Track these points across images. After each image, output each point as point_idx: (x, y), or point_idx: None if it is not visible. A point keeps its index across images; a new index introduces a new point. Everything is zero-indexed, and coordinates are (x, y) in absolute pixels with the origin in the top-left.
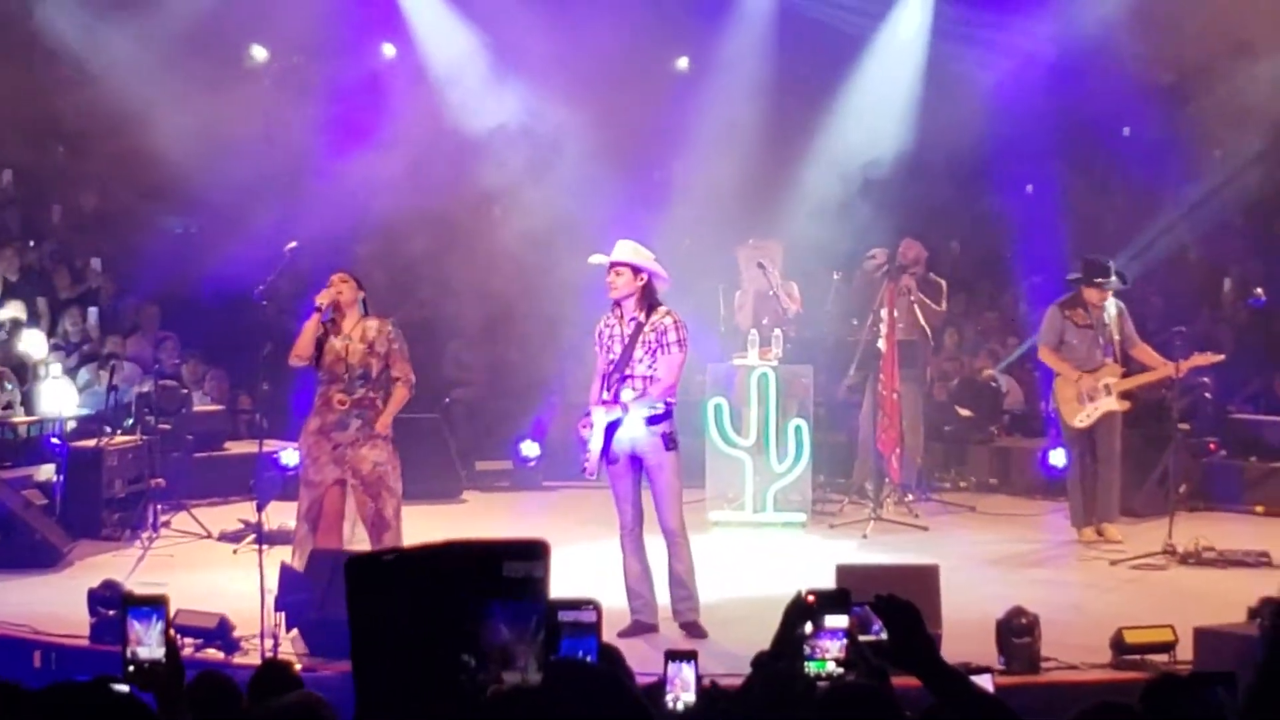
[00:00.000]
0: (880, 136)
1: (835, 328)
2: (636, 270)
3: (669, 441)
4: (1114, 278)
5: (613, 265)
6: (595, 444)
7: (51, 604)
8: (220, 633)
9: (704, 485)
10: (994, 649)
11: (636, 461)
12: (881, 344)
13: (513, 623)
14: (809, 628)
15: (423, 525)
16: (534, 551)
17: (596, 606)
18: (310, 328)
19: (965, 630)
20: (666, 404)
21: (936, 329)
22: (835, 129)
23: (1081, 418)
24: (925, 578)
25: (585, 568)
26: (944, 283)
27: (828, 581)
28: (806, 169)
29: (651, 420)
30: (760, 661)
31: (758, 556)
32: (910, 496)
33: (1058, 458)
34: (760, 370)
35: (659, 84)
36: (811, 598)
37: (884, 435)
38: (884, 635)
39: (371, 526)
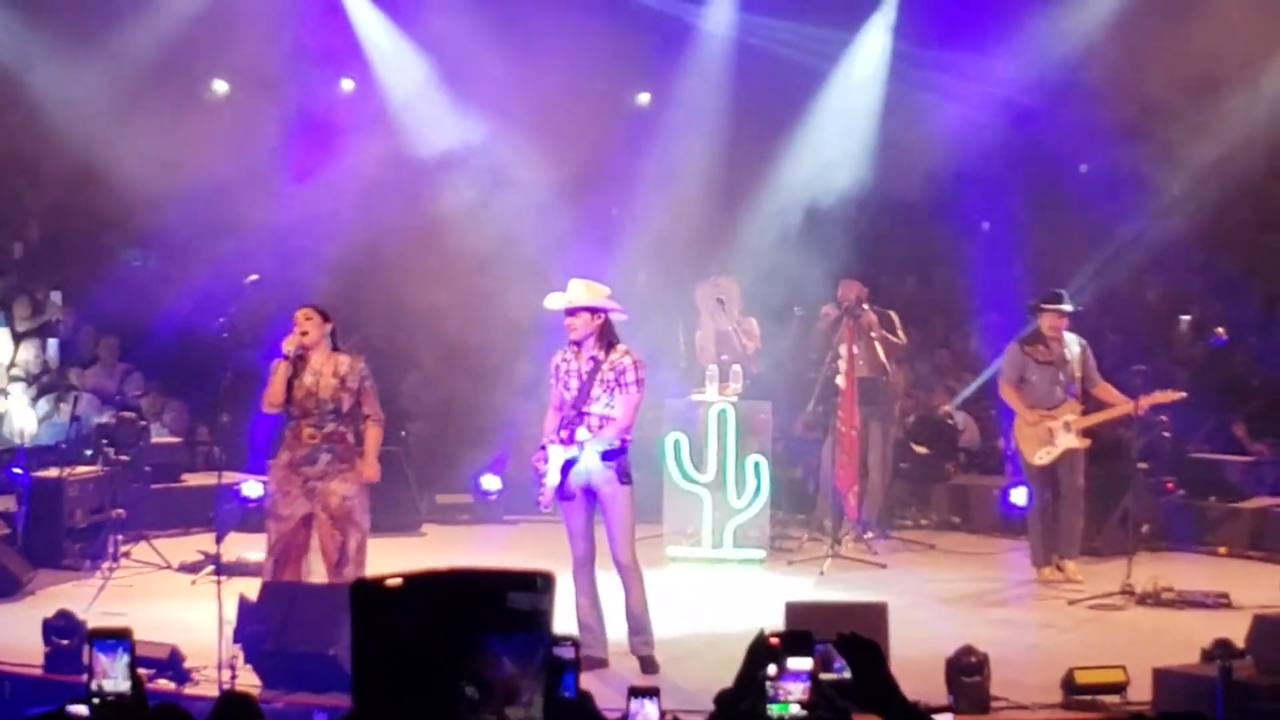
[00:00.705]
0: (837, 172)
1: (795, 364)
2: (594, 311)
3: (623, 476)
4: (1067, 304)
5: (568, 312)
6: (551, 479)
7: (9, 634)
8: (172, 663)
9: (662, 521)
10: (944, 687)
11: (590, 495)
12: (841, 380)
13: (516, 656)
14: (772, 669)
15: (382, 558)
16: (540, 583)
17: (576, 643)
18: (279, 374)
19: (916, 669)
20: (622, 440)
21: (903, 360)
22: (792, 164)
23: (1041, 455)
24: (874, 615)
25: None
26: (894, 314)
27: (777, 618)
28: (763, 204)
29: (606, 455)
30: (723, 700)
31: (715, 592)
32: (870, 534)
33: (1019, 496)
34: (719, 406)
35: (618, 118)
36: (775, 639)
37: (842, 472)
38: (846, 674)
39: (333, 560)
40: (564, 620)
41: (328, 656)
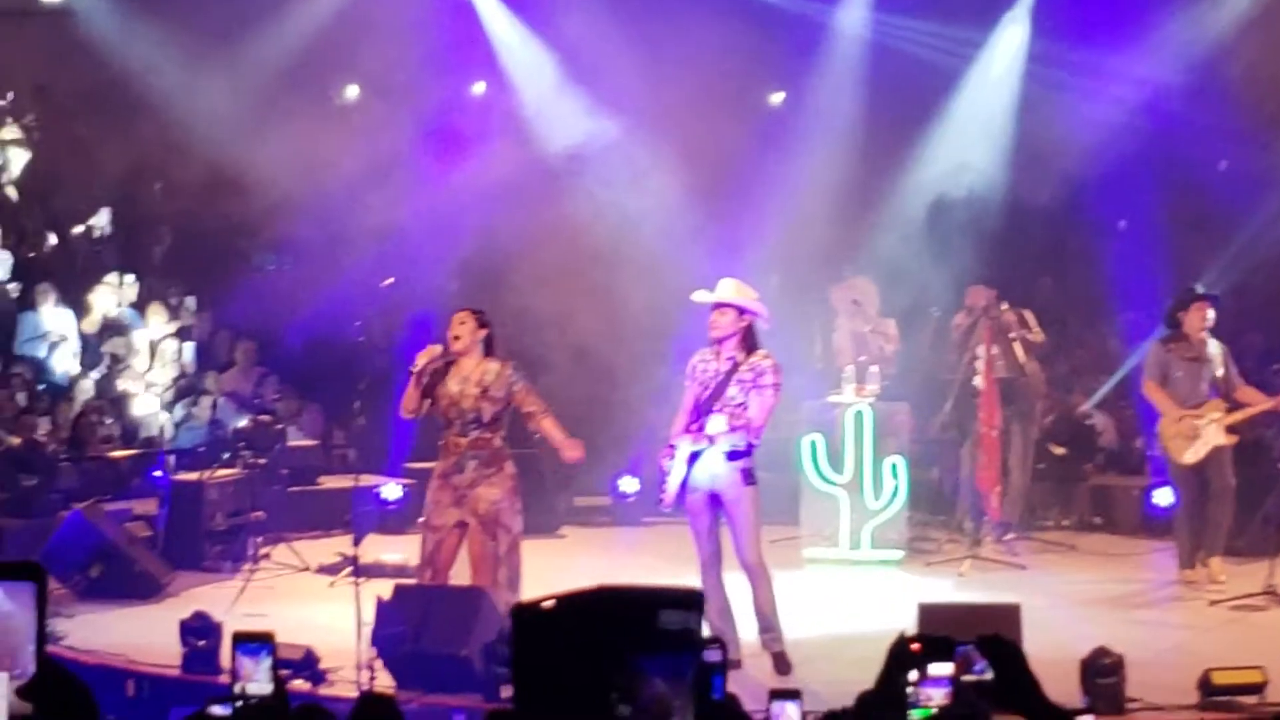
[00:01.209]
0: (970, 172)
1: (933, 365)
2: (741, 311)
3: (748, 477)
4: (1208, 301)
5: (718, 305)
6: (675, 475)
7: (148, 634)
8: (307, 664)
9: (799, 522)
10: (1079, 689)
11: (715, 500)
12: (979, 381)
13: (668, 675)
14: (914, 675)
15: (524, 561)
16: (690, 601)
17: (723, 645)
18: (411, 386)
19: (1052, 670)
20: (749, 443)
21: (1042, 359)
22: (925, 165)
23: (1189, 454)
24: (1007, 616)
25: None
26: (1029, 313)
27: (910, 619)
28: (896, 205)
29: (732, 456)
30: (865, 703)
31: (851, 593)
32: (1010, 535)
33: (1163, 497)
34: (856, 407)
35: (751, 118)
36: (916, 645)
37: (983, 473)
38: (987, 675)
39: (482, 563)
40: None
41: (460, 658)
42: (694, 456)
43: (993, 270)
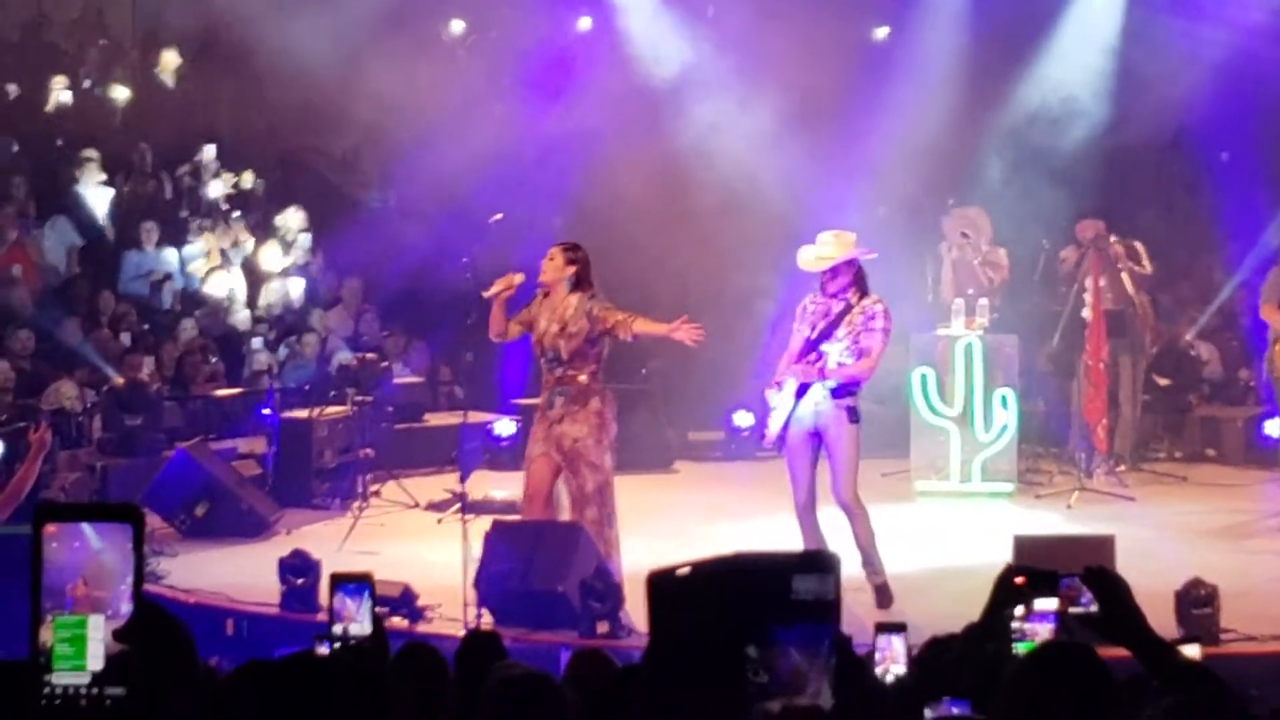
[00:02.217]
0: (1075, 105)
1: (1043, 297)
2: (849, 262)
3: (852, 414)
4: None
5: (830, 271)
6: (781, 410)
7: (252, 573)
8: (404, 601)
9: (910, 455)
10: (1174, 619)
11: (815, 439)
12: (1087, 314)
13: (803, 646)
14: (1019, 610)
15: (636, 494)
16: (824, 564)
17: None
18: (494, 309)
19: (1149, 601)
20: (856, 381)
21: (1150, 292)
22: (1029, 96)
23: None
24: (1102, 548)
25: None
26: (1139, 245)
27: (1006, 550)
28: (1001, 136)
29: (837, 392)
30: (970, 636)
31: (961, 526)
32: (1122, 467)
33: (1274, 427)
34: (965, 340)
35: (856, 52)
36: (1021, 579)
37: (1090, 405)
38: (1093, 608)
39: (573, 501)
40: None
41: (558, 594)
42: (801, 390)
43: (1098, 202)
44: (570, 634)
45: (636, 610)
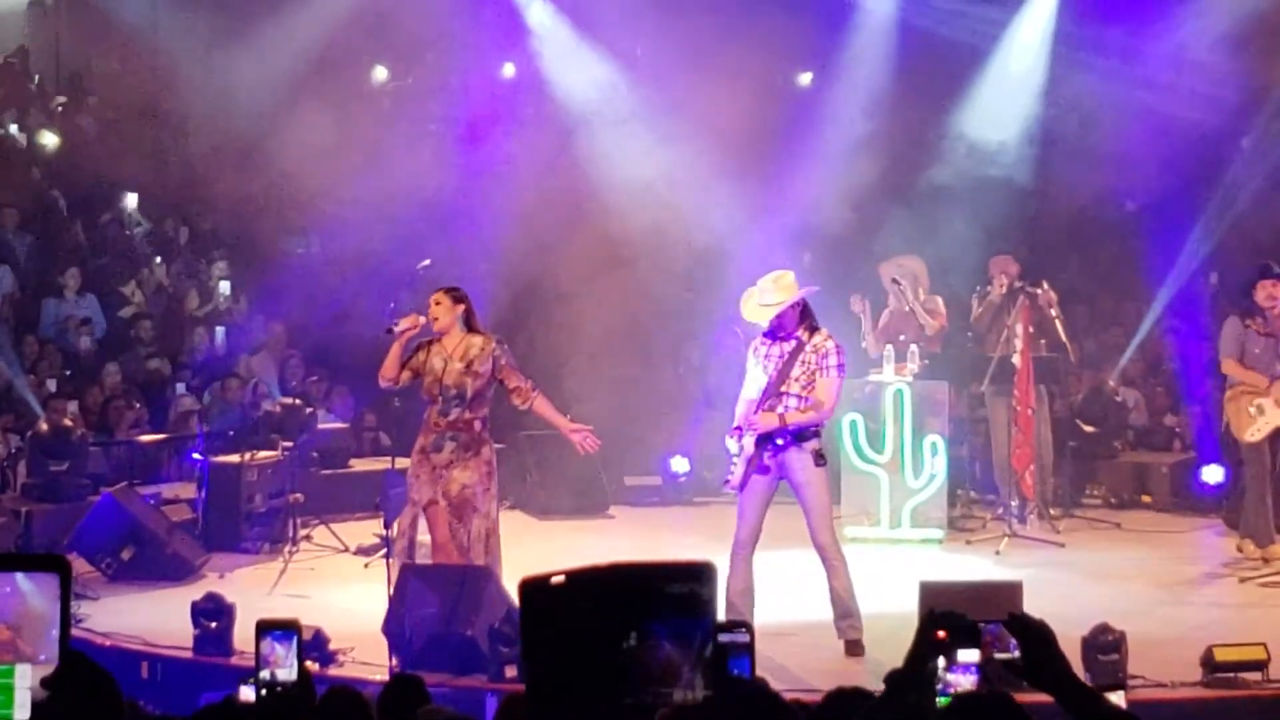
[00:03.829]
0: (997, 151)
1: (976, 343)
2: (792, 304)
3: (818, 459)
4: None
5: (776, 316)
6: (745, 458)
7: (174, 617)
8: (316, 645)
9: (840, 501)
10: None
11: (772, 482)
12: (1016, 359)
13: (676, 640)
14: (941, 662)
15: (566, 540)
16: (698, 573)
17: (750, 629)
18: (393, 349)
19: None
20: (816, 425)
21: (1074, 337)
22: (956, 142)
23: (1252, 432)
24: (1009, 593)
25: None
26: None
27: (912, 597)
28: (923, 183)
29: (800, 438)
30: (892, 682)
31: (888, 572)
32: (1055, 512)
33: (1211, 474)
34: (895, 386)
35: (780, 96)
36: (943, 633)
37: (1018, 451)
38: (1017, 654)
39: (445, 546)
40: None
41: (467, 638)
42: (762, 439)
43: (1023, 248)
44: (480, 678)
45: None
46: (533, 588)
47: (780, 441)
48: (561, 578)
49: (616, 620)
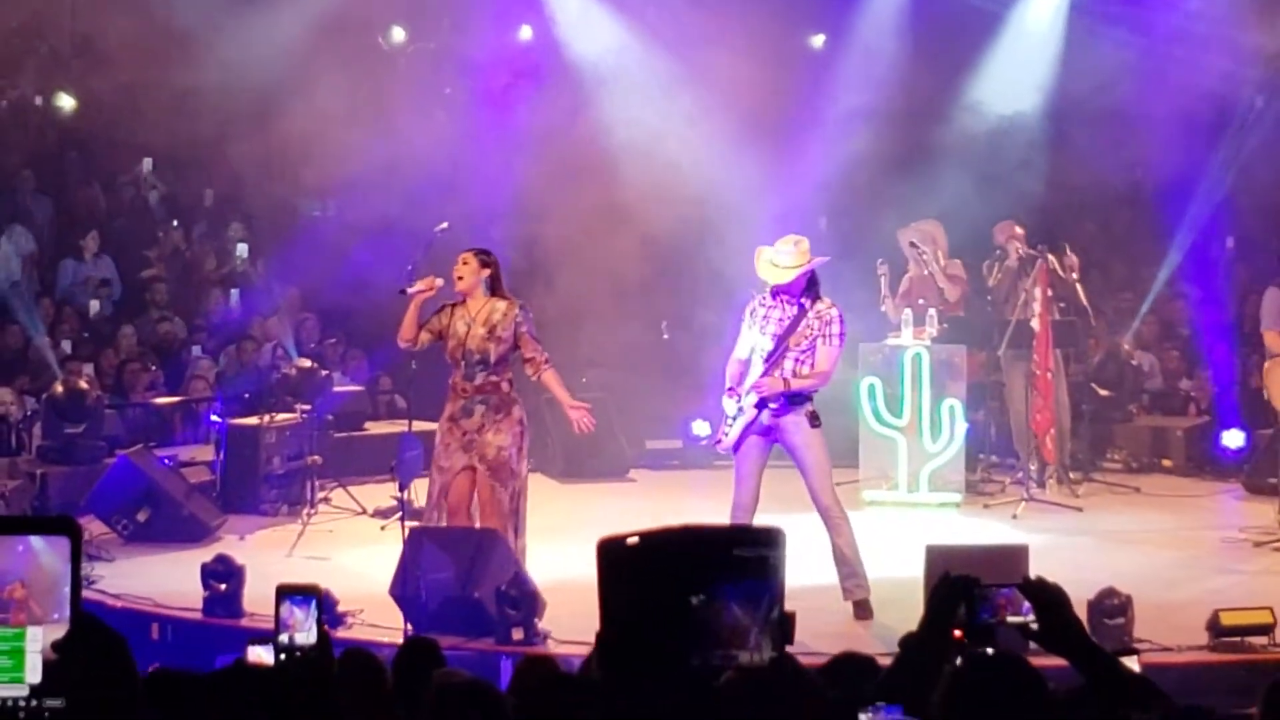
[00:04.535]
0: (1017, 115)
1: (995, 310)
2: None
3: (814, 420)
4: None
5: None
6: (741, 419)
7: (187, 579)
8: (324, 607)
9: (858, 465)
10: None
11: (767, 443)
12: (1035, 324)
13: (744, 602)
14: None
15: (587, 504)
16: (768, 538)
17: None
18: (409, 311)
19: None
20: (813, 387)
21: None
22: (973, 105)
23: None
24: (1015, 557)
25: None
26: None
27: (918, 561)
28: (940, 146)
29: (796, 400)
30: (908, 645)
31: (906, 536)
32: (1073, 476)
33: (1232, 439)
34: (913, 350)
35: (795, 59)
36: (959, 633)
37: (1037, 415)
38: (1032, 618)
39: (490, 508)
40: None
41: (473, 600)
42: (762, 403)
43: (1039, 213)
44: (487, 640)
45: (557, 618)
46: (610, 548)
47: (774, 405)
48: (636, 539)
49: (686, 581)
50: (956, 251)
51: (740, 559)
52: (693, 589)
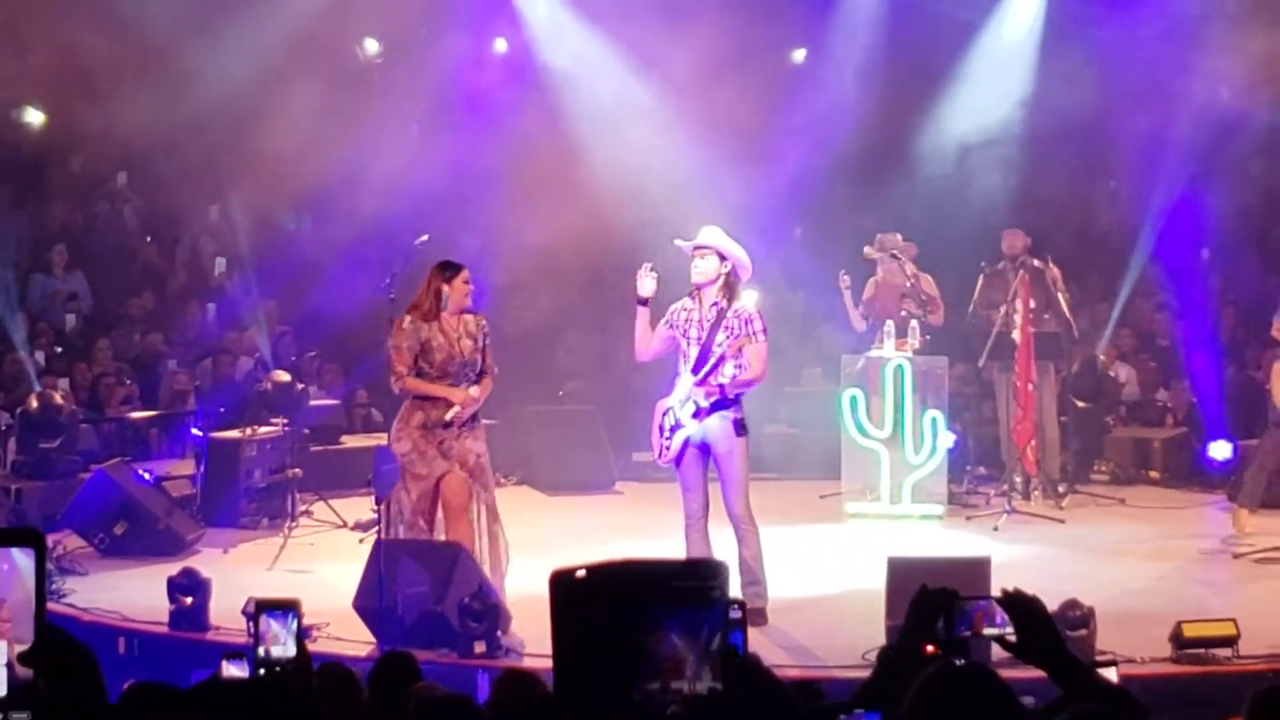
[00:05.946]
0: (992, 125)
1: (979, 321)
2: (722, 256)
3: (739, 427)
4: None
5: (698, 248)
6: (683, 431)
7: (160, 593)
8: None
9: (840, 477)
10: None
11: (705, 450)
12: (1016, 335)
13: (683, 633)
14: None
15: (570, 516)
16: (707, 570)
17: (742, 604)
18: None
19: None
20: (737, 393)
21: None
22: (948, 119)
23: None
24: (977, 570)
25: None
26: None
27: (880, 573)
28: (918, 158)
29: (722, 406)
30: (886, 660)
31: (887, 548)
32: (1061, 487)
33: (1219, 450)
34: (895, 361)
35: (774, 76)
36: (931, 648)
37: (1018, 427)
38: (1009, 629)
39: (464, 514)
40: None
41: (436, 613)
42: (698, 413)
43: (1015, 224)
44: (449, 653)
45: (539, 633)
46: (560, 580)
47: (704, 405)
48: (584, 571)
49: (627, 614)
50: (930, 263)
51: (680, 589)
52: (633, 621)
